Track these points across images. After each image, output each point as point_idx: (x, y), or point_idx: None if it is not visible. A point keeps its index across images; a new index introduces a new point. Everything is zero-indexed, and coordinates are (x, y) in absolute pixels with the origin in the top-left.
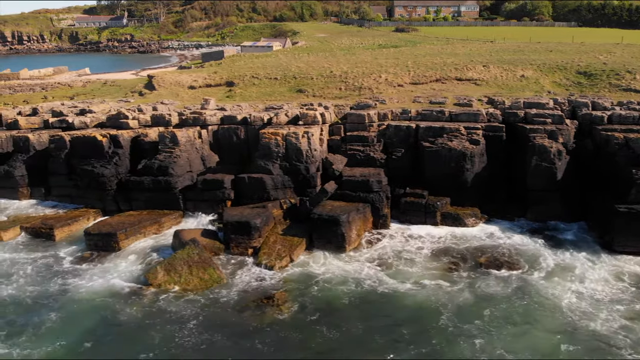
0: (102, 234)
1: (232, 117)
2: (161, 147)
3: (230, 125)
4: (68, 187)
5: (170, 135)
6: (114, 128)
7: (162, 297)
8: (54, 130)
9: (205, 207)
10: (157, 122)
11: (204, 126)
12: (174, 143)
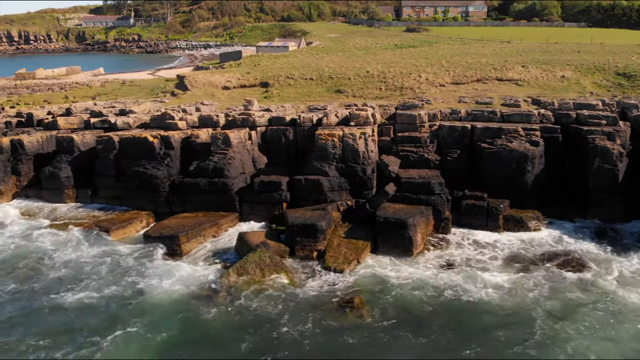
0: (164, 237)
1: (280, 118)
2: (213, 149)
3: (279, 127)
4: (116, 189)
5: (222, 137)
6: (159, 129)
7: (238, 300)
8: (96, 131)
9: (261, 209)
10: (204, 123)
11: (252, 127)
12: (226, 144)
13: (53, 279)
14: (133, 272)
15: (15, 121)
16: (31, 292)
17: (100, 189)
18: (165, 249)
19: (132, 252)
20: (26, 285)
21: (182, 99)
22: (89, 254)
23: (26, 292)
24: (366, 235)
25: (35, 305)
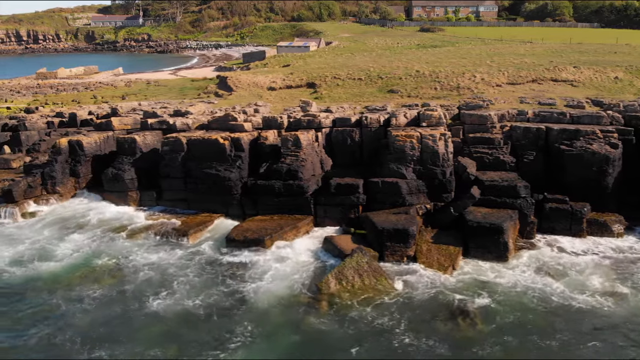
0: (249, 240)
1: (345, 119)
2: (284, 151)
3: (345, 128)
4: (183, 191)
5: (293, 139)
6: (222, 130)
7: (342, 308)
8: (155, 132)
9: (335, 212)
10: (269, 124)
11: (318, 129)
12: (296, 146)
13: (141, 284)
14: (223, 276)
15: (57, 121)
16: (121, 298)
17: (166, 191)
18: (248, 253)
19: (216, 256)
20: (114, 290)
21: (229, 100)
22: (172, 258)
23: (116, 298)
24: (455, 240)
25: (130, 312)
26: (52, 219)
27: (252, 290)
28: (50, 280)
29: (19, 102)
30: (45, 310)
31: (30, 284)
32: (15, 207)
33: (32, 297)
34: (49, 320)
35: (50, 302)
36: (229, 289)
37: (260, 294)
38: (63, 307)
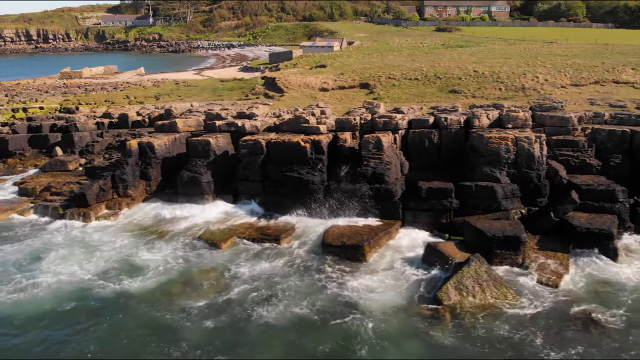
0: (347, 246)
1: (422, 120)
2: (365, 153)
3: (423, 129)
4: (262, 195)
5: (374, 141)
6: (293, 132)
7: (465, 319)
8: (225, 134)
9: (425, 217)
10: (342, 126)
11: (395, 130)
12: (378, 149)
13: (244, 293)
14: (327, 283)
15: (107, 122)
16: (227, 308)
17: (243, 194)
18: (347, 258)
19: (314, 262)
20: (218, 300)
21: (283, 101)
22: (268, 264)
23: (222, 308)
24: (560, 246)
25: (241, 322)
26: (128, 225)
27: (361, 299)
28: (145, 293)
29: (49, 101)
30: (151, 325)
31: (125, 298)
32: (90, 211)
33: (132, 312)
34: (159, 334)
35: (154, 316)
36: (336, 296)
37: (370, 302)
38: (169, 321)
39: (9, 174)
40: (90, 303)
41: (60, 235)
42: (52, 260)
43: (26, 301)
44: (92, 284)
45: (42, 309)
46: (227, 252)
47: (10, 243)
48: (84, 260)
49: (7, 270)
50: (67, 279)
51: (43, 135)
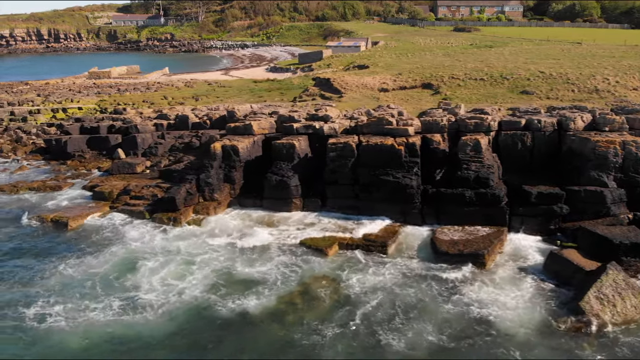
0: (465, 254)
1: (513, 122)
2: (462, 156)
3: (515, 131)
4: (352, 198)
5: (473, 143)
6: (376, 134)
7: (613, 332)
8: (304, 137)
9: (533, 222)
10: (429, 128)
11: (486, 132)
12: (476, 151)
13: (366, 311)
14: (453, 297)
15: (166, 124)
16: (358, 327)
17: (332, 198)
18: (463, 267)
19: (430, 271)
20: (344, 318)
21: (344, 102)
22: (384, 275)
23: (351, 330)
24: None
25: (371, 350)
26: (220, 231)
27: (493, 314)
28: (266, 310)
29: (85, 102)
30: (283, 346)
31: (247, 317)
32: (180, 216)
33: (260, 332)
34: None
35: (284, 336)
36: (465, 313)
37: (505, 318)
38: (300, 341)
39: (73, 177)
40: (210, 324)
41: (150, 243)
42: (149, 273)
43: (137, 323)
44: (206, 302)
45: (156, 332)
46: (333, 260)
47: (96, 251)
48: (185, 273)
49: (105, 284)
50: (176, 297)
51: (103, 137)
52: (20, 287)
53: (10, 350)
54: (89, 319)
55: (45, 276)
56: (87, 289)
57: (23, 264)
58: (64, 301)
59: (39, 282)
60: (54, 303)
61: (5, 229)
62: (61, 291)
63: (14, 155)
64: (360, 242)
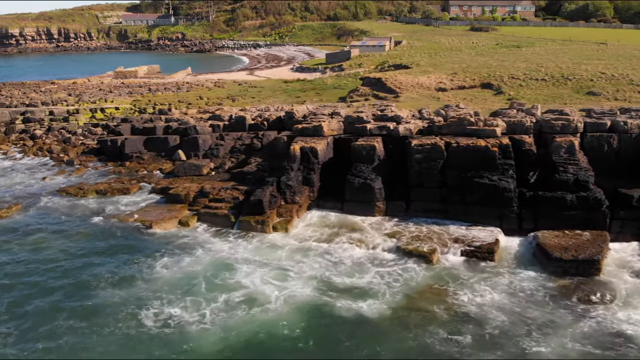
0: (579, 261)
1: (599, 124)
2: (556, 158)
3: (601, 133)
4: (436, 202)
5: (567, 145)
6: (456, 136)
7: None
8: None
9: (633, 227)
10: (513, 129)
11: (573, 134)
12: (570, 153)
13: (492, 327)
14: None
15: (222, 125)
16: (485, 344)
17: (417, 201)
18: (577, 273)
19: (544, 281)
20: (465, 335)
21: (403, 102)
22: (497, 285)
23: (476, 345)
24: None
25: None
26: (309, 234)
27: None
28: (384, 318)
29: (119, 102)
30: (419, 350)
31: (360, 318)
32: (267, 219)
33: (390, 341)
34: None
35: (413, 341)
36: (607, 329)
37: None
38: (433, 346)
39: (138, 180)
40: (332, 324)
41: (241, 245)
42: (250, 275)
43: (258, 321)
44: (320, 303)
45: (281, 330)
46: (437, 267)
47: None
48: (285, 275)
49: (210, 284)
50: (287, 297)
51: (162, 138)
52: (125, 288)
53: (143, 355)
54: (210, 318)
55: (146, 277)
56: (194, 289)
57: (119, 266)
58: (177, 302)
59: (143, 283)
60: (168, 304)
61: (88, 231)
62: (171, 292)
63: (66, 156)
64: (464, 248)
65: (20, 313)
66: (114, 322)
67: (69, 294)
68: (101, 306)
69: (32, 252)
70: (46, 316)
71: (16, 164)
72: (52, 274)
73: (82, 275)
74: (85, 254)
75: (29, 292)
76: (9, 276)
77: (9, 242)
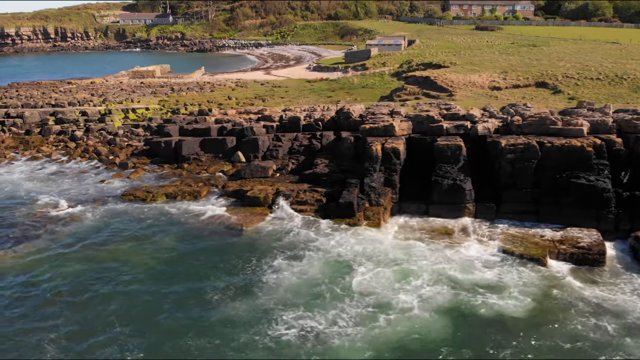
0: None
1: None
2: None
3: None
4: (529, 203)
5: None
6: (538, 135)
7: None
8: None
9: None
10: (596, 128)
11: None
12: None
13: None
14: None
15: (276, 125)
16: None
17: (508, 203)
18: None
19: None
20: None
21: (459, 100)
22: (620, 293)
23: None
24: None
25: None
26: (405, 236)
27: None
28: (522, 315)
29: (146, 102)
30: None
31: (502, 318)
32: (359, 221)
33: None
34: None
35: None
36: None
37: None
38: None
39: (202, 182)
40: (477, 324)
41: (342, 248)
42: (369, 277)
43: (406, 324)
44: (457, 303)
45: (430, 332)
46: (551, 269)
47: (294, 257)
48: (405, 277)
49: (335, 289)
50: (421, 298)
51: (220, 140)
52: (245, 299)
53: None
54: (350, 328)
55: (262, 285)
56: (318, 295)
57: (228, 273)
58: (307, 311)
59: (261, 292)
60: (298, 314)
61: (178, 237)
62: (295, 300)
63: (117, 158)
64: (572, 250)
65: (141, 328)
66: (248, 337)
67: (187, 308)
68: (228, 321)
69: (124, 261)
70: (172, 332)
71: (63, 167)
72: (159, 285)
73: (193, 286)
74: (184, 261)
75: (141, 305)
76: (111, 285)
77: (95, 248)
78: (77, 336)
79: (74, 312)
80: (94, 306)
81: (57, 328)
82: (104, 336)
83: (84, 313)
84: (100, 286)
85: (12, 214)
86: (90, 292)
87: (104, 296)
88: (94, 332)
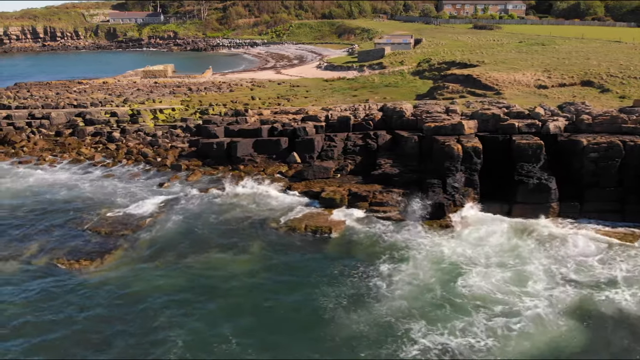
0: None
1: None
2: None
3: None
4: (614, 202)
5: None
6: (610, 133)
7: None
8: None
9: None
10: None
11: None
12: None
13: None
14: None
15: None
16: None
17: (591, 202)
18: None
19: None
20: None
21: (509, 99)
22: None
23: None
24: None
25: None
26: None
27: None
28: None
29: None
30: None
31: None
32: (449, 223)
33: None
34: None
35: None
36: None
37: None
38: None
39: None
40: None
41: (445, 249)
42: (488, 280)
43: (553, 330)
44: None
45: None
46: None
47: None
48: (522, 278)
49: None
50: (552, 299)
51: (274, 140)
52: (360, 312)
53: None
54: (491, 344)
55: (374, 295)
56: (441, 306)
57: (331, 283)
58: (436, 325)
59: (377, 303)
60: (425, 328)
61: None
62: (416, 311)
63: (167, 160)
64: None
65: (256, 344)
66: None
67: (301, 324)
68: (353, 338)
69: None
70: (290, 351)
71: (111, 170)
72: (264, 296)
73: (300, 298)
74: (283, 271)
75: (250, 317)
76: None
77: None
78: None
79: (183, 328)
80: (203, 322)
81: (174, 340)
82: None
83: (196, 329)
84: (203, 298)
85: (82, 220)
86: (193, 306)
87: (210, 312)
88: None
